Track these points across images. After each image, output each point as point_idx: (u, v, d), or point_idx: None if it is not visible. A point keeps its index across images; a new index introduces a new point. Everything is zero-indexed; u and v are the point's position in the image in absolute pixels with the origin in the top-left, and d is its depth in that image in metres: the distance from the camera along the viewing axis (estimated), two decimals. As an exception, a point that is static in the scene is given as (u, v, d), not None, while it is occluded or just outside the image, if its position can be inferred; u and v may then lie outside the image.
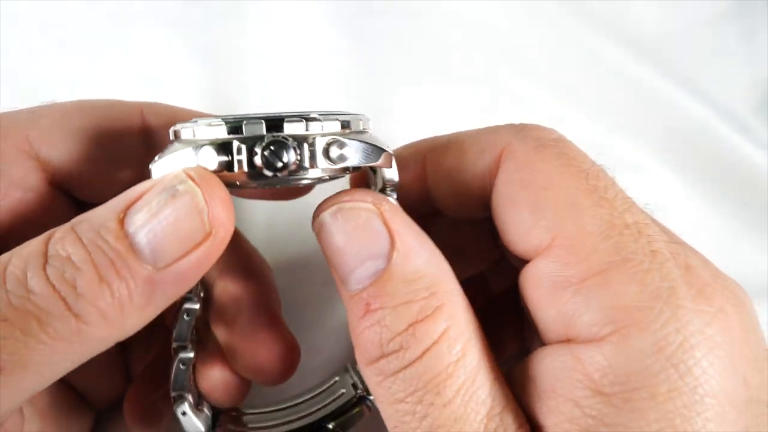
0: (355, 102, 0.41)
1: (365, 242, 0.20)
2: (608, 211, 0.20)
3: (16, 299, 0.18)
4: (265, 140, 0.19)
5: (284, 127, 0.19)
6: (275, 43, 0.42)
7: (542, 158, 0.21)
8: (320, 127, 0.20)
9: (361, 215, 0.20)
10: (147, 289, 0.19)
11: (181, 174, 0.19)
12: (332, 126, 0.20)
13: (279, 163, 0.19)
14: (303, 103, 0.38)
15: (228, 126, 0.19)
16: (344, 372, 0.28)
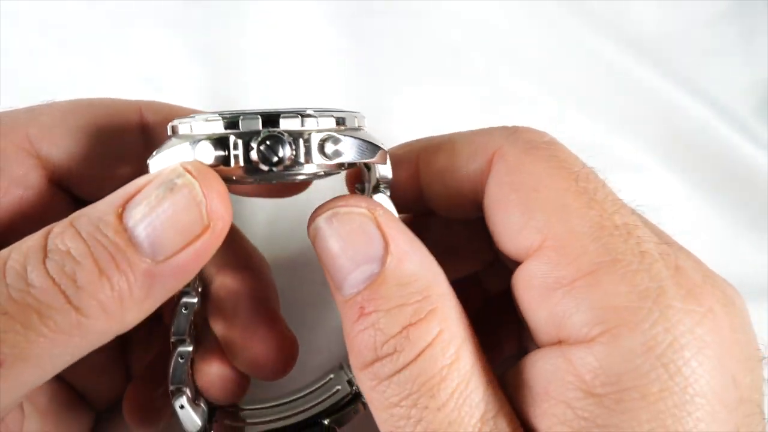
0: (355, 102, 0.41)
1: (360, 246, 0.20)
2: (598, 213, 0.20)
3: (16, 293, 0.18)
4: (261, 135, 0.19)
5: (280, 123, 0.19)
6: (275, 43, 0.42)
7: (533, 160, 0.21)
8: (315, 123, 0.20)
9: (356, 220, 0.20)
10: (146, 282, 0.19)
11: (179, 168, 0.19)
12: (327, 122, 0.20)
13: (275, 158, 0.19)
14: (302, 103, 0.38)
15: (225, 121, 0.20)
16: (339, 369, 0.28)
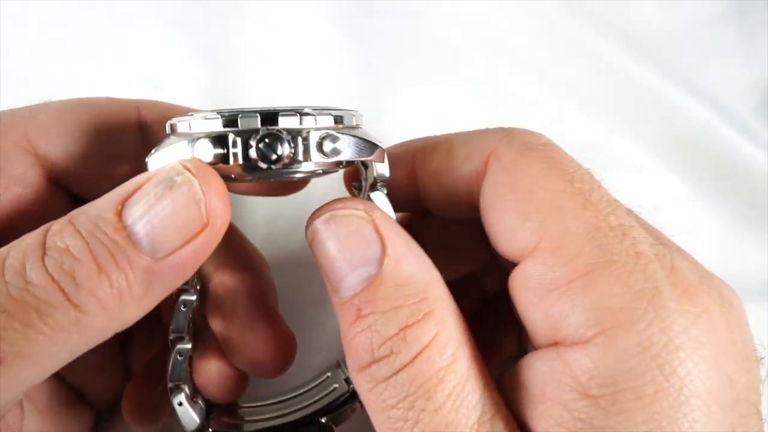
0: (355, 102, 0.41)
1: (357, 248, 0.20)
2: (593, 214, 0.20)
3: (15, 290, 0.18)
4: (260, 133, 0.19)
5: (279, 121, 0.20)
6: (275, 43, 0.42)
7: (528, 162, 0.21)
8: (314, 122, 0.20)
9: (353, 222, 0.20)
10: (145, 280, 0.19)
11: (178, 166, 0.19)
12: (325, 120, 0.20)
13: (273, 156, 0.19)
14: (302, 103, 0.38)
15: (224, 119, 0.20)
16: (336, 367, 0.28)
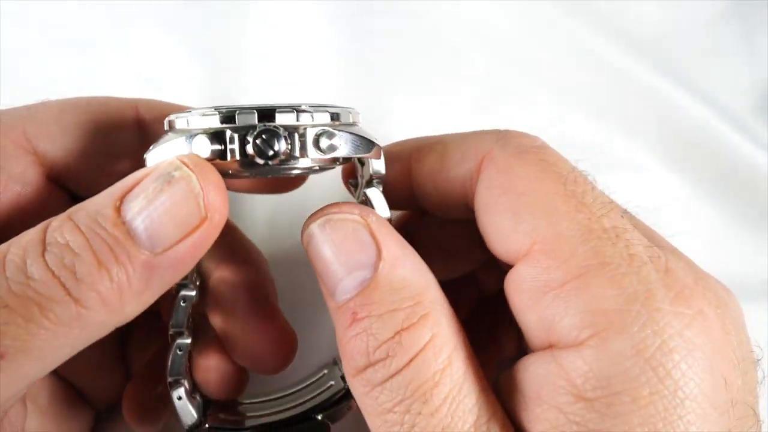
0: (355, 101, 0.41)
1: (353, 252, 0.20)
2: (586, 216, 0.20)
3: (16, 286, 0.18)
4: (257, 129, 0.19)
5: (276, 118, 0.20)
6: (275, 44, 0.42)
7: (521, 164, 0.21)
8: (310, 118, 0.20)
9: (349, 226, 0.20)
10: (145, 274, 0.19)
11: (176, 161, 0.19)
12: (322, 117, 0.20)
13: (270, 152, 0.19)
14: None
15: (221, 116, 0.20)
16: (333, 365, 0.28)
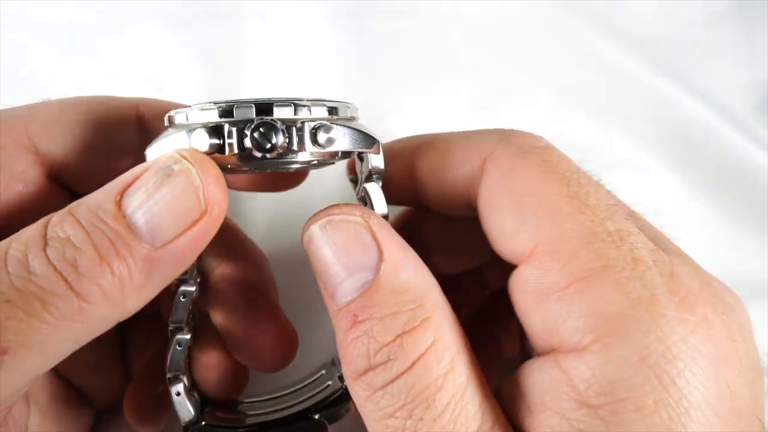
0: (355, 101, 0.41)
1: (354, 254, 0.20)
2: (590, 218, 0.20)
3: (18, 281, 0.18)
4: (255, 123, 0.20)
5: (274, 111, 0.20)
6: (275, 43, 0.42)
7: (525, 164, 0.21)
8: (308, 112, 0.20)
9: (350, 228, 0.20)
10: (146, 268, 0.19)
11: (175, 155, 0.19)
12: (320, 111, 0.20)
13: (268, 145, 0.19)
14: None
15: (220, 110, 0.20)
16: (331, 365, 0.28)
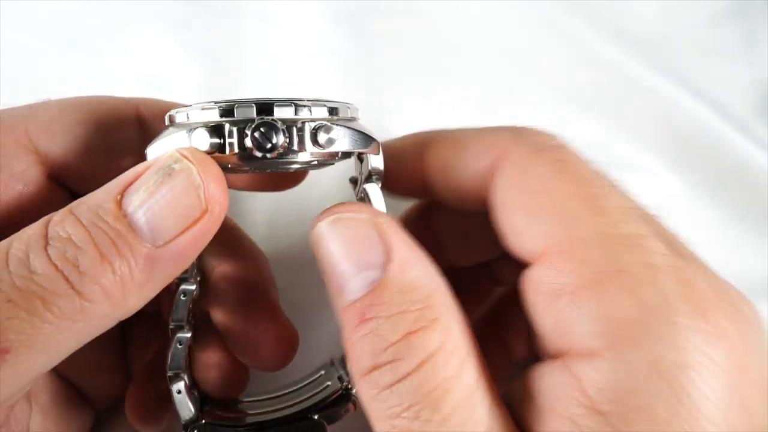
0: (355, 101, 0.41)
1: (362, 252, 0.19)
2: (604, 221, 0.19)
3: (20, 280, 0.18)
4: (256, 122, 0.20)
5: (274, 111, 0.20)
6: (275, 43, 0.42)
7: (539, 163, 0.21)
8: (309, 112, 0.20)
9: (359, 226, 0.20)
10: (147, 267, 0.19)
11: (176, 154, 0.19)
12: (320, 111, 0.20)
13: (268, 145, 0.20)
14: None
15: (220, 109, 0.20)
16: (330, 365, 0.29)
